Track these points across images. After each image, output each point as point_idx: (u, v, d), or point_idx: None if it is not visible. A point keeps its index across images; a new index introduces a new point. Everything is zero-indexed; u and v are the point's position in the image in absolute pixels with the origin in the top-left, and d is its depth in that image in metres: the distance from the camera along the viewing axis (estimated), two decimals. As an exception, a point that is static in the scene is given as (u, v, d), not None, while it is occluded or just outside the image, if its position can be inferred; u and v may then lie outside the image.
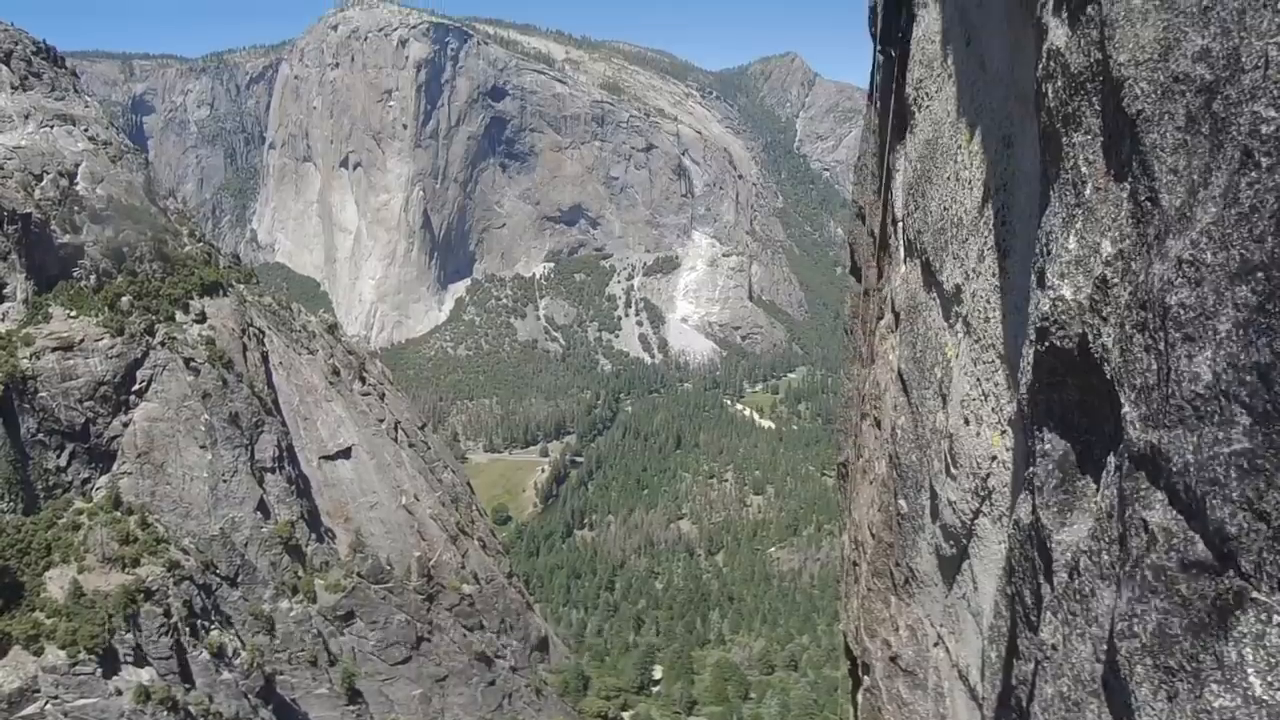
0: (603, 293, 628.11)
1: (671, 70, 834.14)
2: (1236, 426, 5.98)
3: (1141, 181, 7.53)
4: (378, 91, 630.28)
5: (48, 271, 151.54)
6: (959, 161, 16.76)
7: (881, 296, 25.06)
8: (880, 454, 22.82)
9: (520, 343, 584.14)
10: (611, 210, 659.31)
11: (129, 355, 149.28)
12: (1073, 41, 9.01)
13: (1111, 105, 8.12)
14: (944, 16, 18.71)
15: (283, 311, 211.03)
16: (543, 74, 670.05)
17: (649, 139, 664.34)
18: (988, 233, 14.87)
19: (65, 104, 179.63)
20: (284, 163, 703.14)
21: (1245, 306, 5.95)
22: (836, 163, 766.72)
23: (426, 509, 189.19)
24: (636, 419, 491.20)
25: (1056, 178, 9.42)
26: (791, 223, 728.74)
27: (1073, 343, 8.68)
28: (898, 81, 22.76)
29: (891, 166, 23.44)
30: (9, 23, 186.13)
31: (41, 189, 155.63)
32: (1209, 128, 6.65)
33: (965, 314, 15.76)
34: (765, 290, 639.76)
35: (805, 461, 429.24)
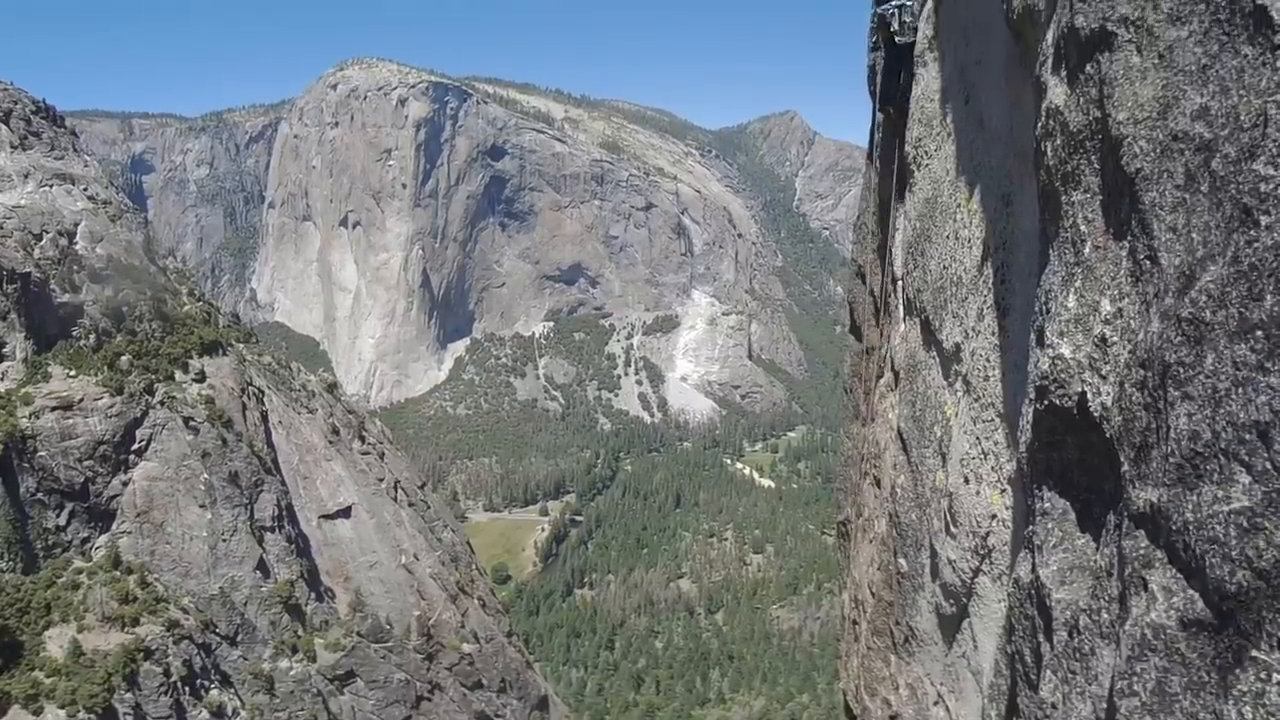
0: (602, 351, 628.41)
1: (671, 129, 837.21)
2: (1236, 485, 5.99)
3: (1140, 240, 7.56)
4: (377, 150, 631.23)
5: (47, 331, 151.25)
6: (958, 220, 16.81)
7: (881, 355, 25.11)
8: (880, 512, 22.81)
9: (520, 402, 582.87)
10: (611, 269, 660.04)
11: (128, 414, 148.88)
12: (1072, 100, 9.05)
13: (1111, 163, 8.15)
14: (943, 75, 18.76)
15: (282, 371, 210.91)
16: (542, 133, 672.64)
17: (648, 198, 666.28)
18: (987, 291, 14.88)
19: (65, 163, 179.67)
20: (283, 222, 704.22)
21: (1245, 365, 5.96)
22: (836, 221, 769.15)
23: (426, 568, 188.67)
24: (636, 478, 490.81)
25: (1056, 236, 9.45)
26: (791, 281, 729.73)
27: (1072, 401, 8.69)
28: (897, 140, 22.81)
29: (891, 225, 23.47)
30: (8, 82, 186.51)
31: (41, 248, 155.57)
32: (1208, 186, 6.67)
33: (965, 372, 15.78)
34: (765, 349, 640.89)
35: (805, 520, 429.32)
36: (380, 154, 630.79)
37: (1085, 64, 8.73)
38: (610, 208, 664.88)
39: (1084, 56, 8.77)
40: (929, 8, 20.35)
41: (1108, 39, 8.32)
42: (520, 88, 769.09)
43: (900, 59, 23.14)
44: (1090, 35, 8.61)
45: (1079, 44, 8.85)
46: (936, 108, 18.94)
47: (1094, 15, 8.54)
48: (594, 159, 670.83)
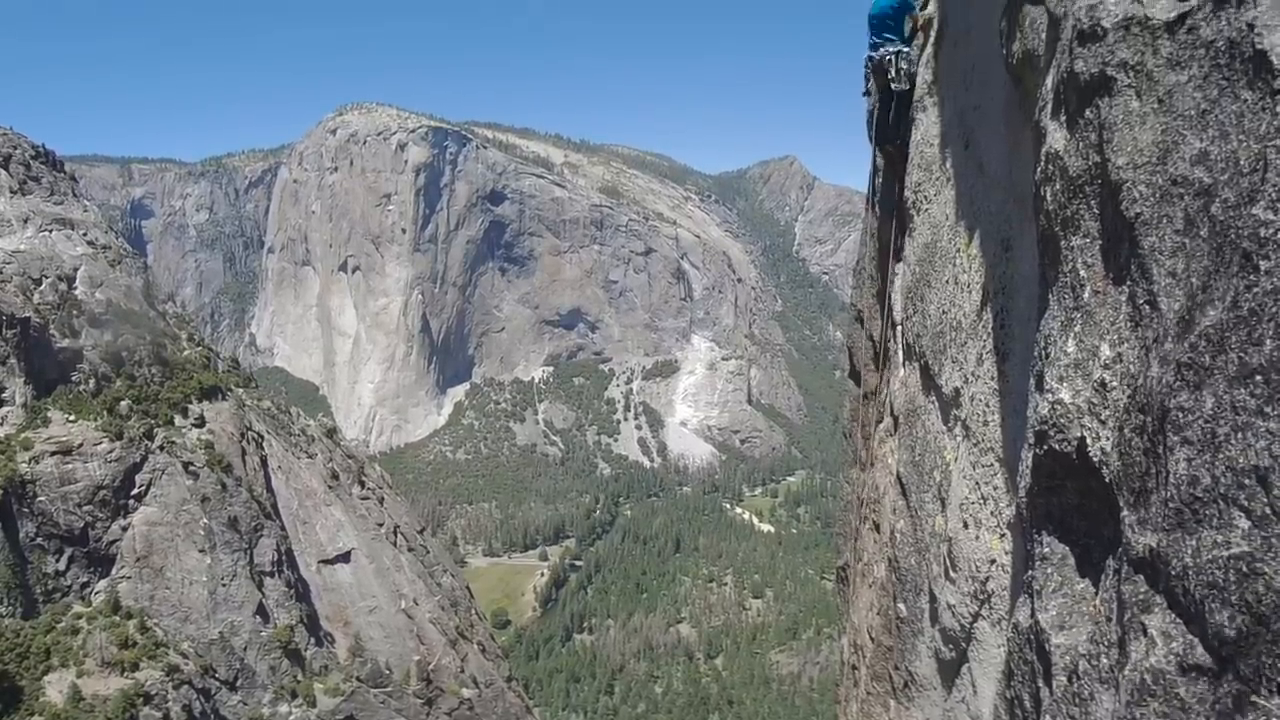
0: (602, 396, 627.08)
1: (670, 174, 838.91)
2: (1236, 530, 6.01)
3: (1140, 285, 7.59)
4: (376, 195, 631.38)
5: (46, 376, 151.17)
6: (958, 265, 16.87)
7: (880, 400, 25.14)
8: (879, 557, 22.82)
9: (519, 447, 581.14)
10: (610, 314, 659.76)
11: (128, 459, 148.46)
12: (1071, 144, 9.08)
13: (1110, 208, 8.19)
14: (942, 120, 18.83)
15: (282, 415, 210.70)
16: (541, 178, 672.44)
17: (648, 243, 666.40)
18: (986, 336, 14.92)
19: (64, 208, 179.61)
20: (283, 267, 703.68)
21: (1244, 410, 5.99)
22: (835, 266, 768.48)
23: (426, 613, 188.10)
24: (636, 523, 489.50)
25: (1055, 281, 9.48)
26: (790, 326, 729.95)
27: (1071, 446, 8.71)
28: (897, 185, 22.88)
29: (890, 270, 23.50)
30: (8, 127, 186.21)
31: (40, 293, 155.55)
32: (1208, 231, 6.71)
33: (964, 417, 15.81)
34: (764, 394, 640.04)
35: (805, 565, 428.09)
36: (380, 199, 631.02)
37: (1085, 109, 8.76)
38: (610, 252, 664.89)
39: (1083, 101, 8.80)
40: (928, 53, 20.46)
41: (1107, 84, 8.36)
42: (520, 133, 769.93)
43: (896, 102, 23.26)
44: (1090, 80, 8.65)
45: (1078, 89, 8.89)
46: (936, 152, 19.01)
47: (1094, 60, 8.58)
48: (593, 204, 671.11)
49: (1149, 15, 7.88)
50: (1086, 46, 8.75)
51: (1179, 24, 7.50)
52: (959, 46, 18.13)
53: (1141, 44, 7.95)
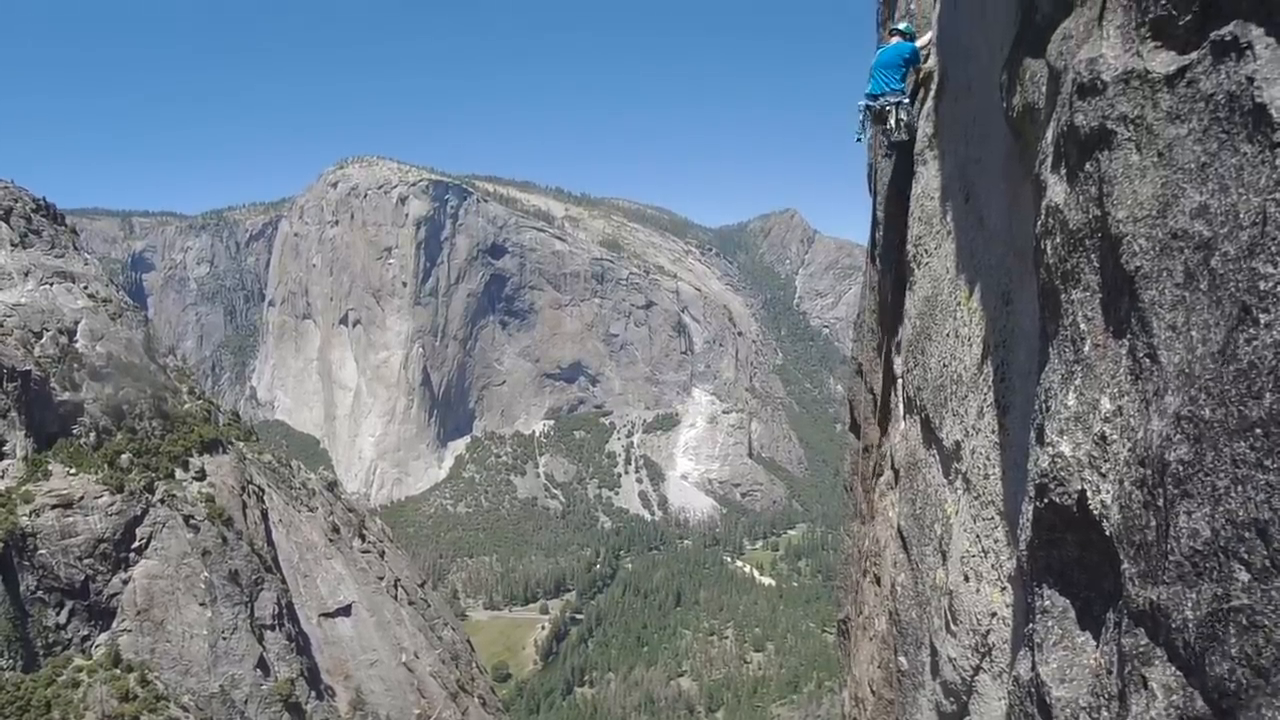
0: (603, 450, 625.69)
1: (671, 227, 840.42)
2: (1235, 583, 6.03)
3: (1140, 338, 7.60)
4: (377, 249, 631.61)
5: (47, 429, 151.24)
6: (958, 318, 16.90)
7: (881, 453, 25.15)
8: (880, 610, 22.80)
9: (520, 500, 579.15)
10: (611, 367, 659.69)
11: (129, 512, 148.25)
12: (1071, 198, 9.10)
13: (1110, 261, 8.20)
14: (943, 173, 18.88)
15: (282, 469, 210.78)
16: (542, 231, 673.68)
17: (649, 296, 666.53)
18: (987, 389, 14.95)
19: (65, 261, 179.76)
20: (284, 320, 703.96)
21: (1244, 463, 5.99)
22: (836, 319, 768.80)
23: (426, 666, 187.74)
24: (636, 576, 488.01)
25: (1055, 334, 9.49)
26: (791, 380, 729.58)
27: (1072, 499, 8.71)
28: (897, 238, 22.92)
29: (891, 323, 23.52)
30: (9, 180, 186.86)
31: (41, 346, 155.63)
32: (1208, 284, 6.72)
33: (965, 470, 15.81)
34: (765, 447, 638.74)
35: (805, 618, 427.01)
36: (380, 252, 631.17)
37: (1085, 162, 8.79)
38: (610, 306, 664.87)
39: (1084, 154, 8.82)
40: (929, 107, 20.52)
41: (1107, 137, 8.38)
42: (520, 186, 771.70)
43: (897, 153, 23.40)
44: (1090, 133, 8.68)
45: (1079, 142, 8.91)
46: (936, 206, 19.05)
47: (1094, 113, 8.61)
48: (594, 257, 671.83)
49: (1149, 69, 7.92)
50: (1087, 100, 8.78)
51: (1179, 77, 7.53)
52: (959, 101, 18.19)
53: (1141, 97, 7.98)
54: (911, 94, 23.21)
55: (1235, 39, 6.81)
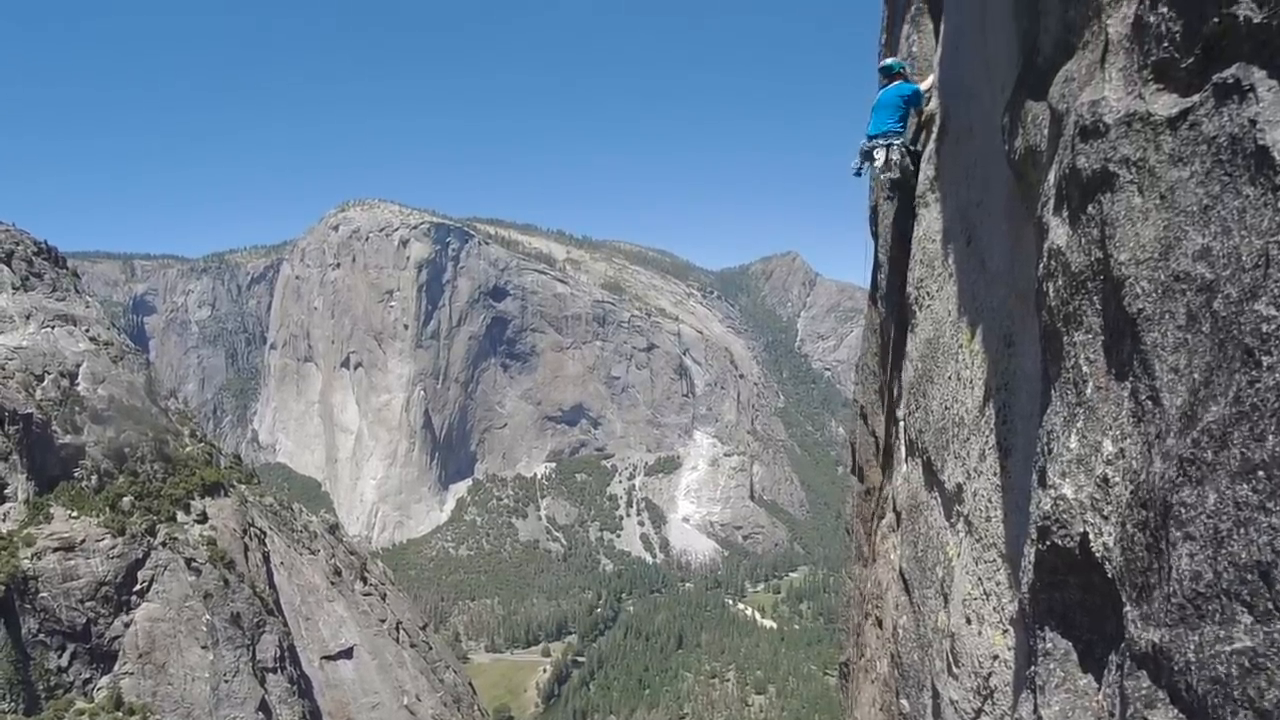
0: (604, 492, 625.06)
1: (673, 270, 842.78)
2: (1238, 625, 6.01)
3: (1142, 380, 7.61)
4: (379, 292, 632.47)
5: (49, 472, 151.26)
6: (960, 360, 16.89)
7: (883, 496, 25.15)
8: (882, 653, 22.77)
9: (522, 543, 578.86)
10: (613, 410, 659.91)
11: (130, 555, 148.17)
12: (1073, 240, 9.11)
13: (1113, 304, 8.21)
14: (944, 216, 18.92)
15: (284, 512, 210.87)
16: (544, 274, 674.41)
17: (650, 339, 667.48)
18: (989, 432, 14.90)
19: (66, 304, 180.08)
20: (285, 363, 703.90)
21: (1247, 505, 5.99)
22: (838, 362, 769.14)
23: (429, 709, 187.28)
24: (638, 619, 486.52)
25: (1058, 377, 9.50)
26: (793, 422, 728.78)
27: (1074, 542, 8.71)
28: (899, 280, 22.95)
29: (893, 366, 23.55)
30: (11, 224, 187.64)
31: (43, 389, 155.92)
32: (1210, 326, 6.72)
33: (967, 513, 15.78)
34: (767, 490, 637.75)
35: (807, 661, 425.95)
36: (382, 295, 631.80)
37: (1087, 204, 8.80)
38: (612, 348, 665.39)
39: (1086, 197, 8.84)
40: (930, 149, 20.56)
41: (1110, 180, 8.40)
42: (522, 228, 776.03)
43: (899, 194, 23.52)
44: (1092, 176, 8.69)
45: (1081, 185, 8.93)
46: (938, 248, 19.06)
47: (1096, 156, 8.63)
48: (596, 300, 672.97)
49: (1151, 111, 7.93)
50: (1089, 142, 8.80)
51: (1181, 120, 7.54)
52: (961, 143, 18.22)
53: (1144, 140, 7.99)
54: (914, 136, 23.31)
55: (1237, 81, 6.82)
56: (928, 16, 24.61)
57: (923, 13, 24.96)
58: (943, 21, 21.53)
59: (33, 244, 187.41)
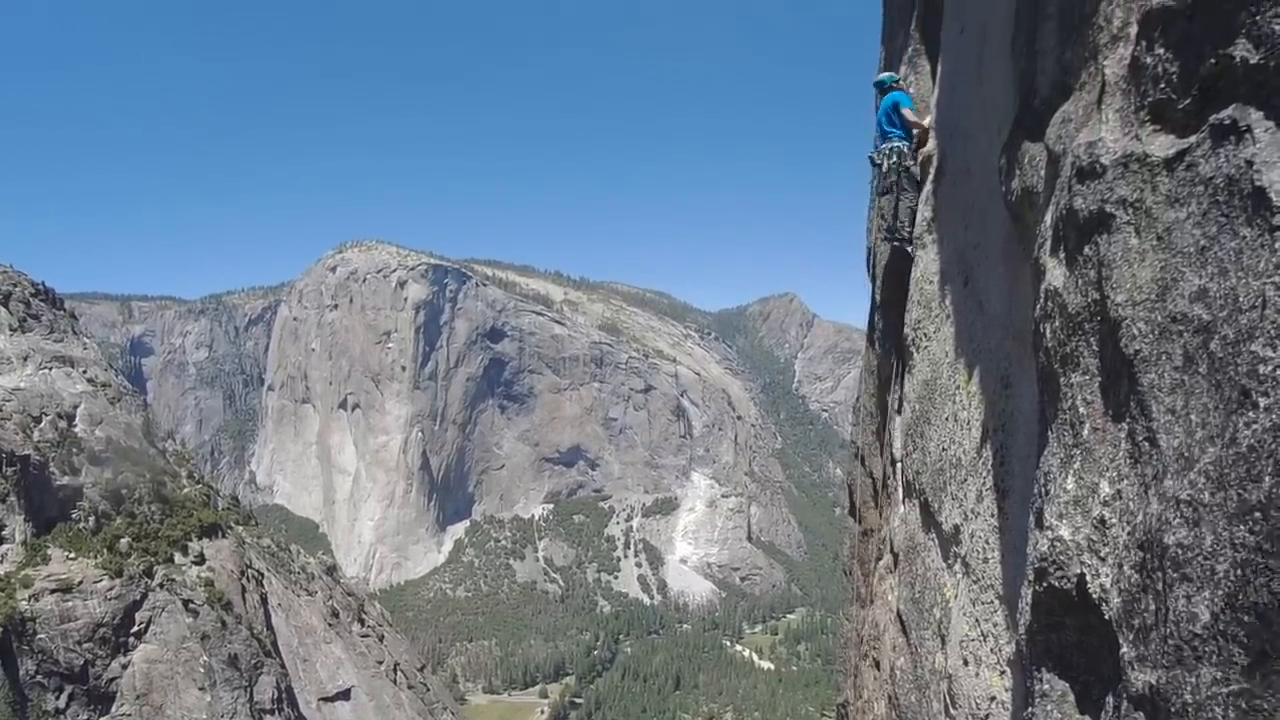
0: (602, 534, 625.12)
1: (670, 311, 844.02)
2: (1235, 667, 6.02)
3: (1139, 422, 7.61)
4: (376, 333, 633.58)
5: (46, 513, 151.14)
6: (957, 402, 16.93)
7: (880, 537, 25.20)
8: (879, 695, 22.76)
9: (519, 584, 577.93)
10: (610, 451, 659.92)
11: (128, 597, 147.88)
12: (1070, 281, 9.14)
13: (1109, 345, 8.23)
14: (941, 257, 18.97)
15: (282, 553, 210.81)
16: (541, 315, 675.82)
17: (648, 380, 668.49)
18: (986, 473, 14.90)
19: (64, 345, 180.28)
20: (283, 404, 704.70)
21: (1244, 547, 6.00)
22: (835, 403, 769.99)
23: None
24: (636, 660, 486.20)
25: (1055, 418, 9.51)
26: (790, 463, 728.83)
27: (1071, 583, 8.71)
28: (896, 322, 23.04)
29: (890, 407, 23.59)
30: (8, 265, 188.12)
31: (40, 431, 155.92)
32: (1207, 367, 6.74)
33: (964, 554, 15.79)
34: (764, 531, 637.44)
35: (805, 702, 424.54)
36: (379, 336, 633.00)
37: (1084, 245, 8.82)
38: (609, 390, 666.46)
39: (1083, 238, 8.86)
40: (928, 190, 20.63)
41: (1106, 221, 8.42)
42: (519, 270, 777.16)
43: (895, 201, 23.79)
44: (1089, 217, 8.72)
45: (1078, 226, 8.95)
46: (935, 290, 19.11)
47: (1093, 197, 8.66)
48: (593, 341, 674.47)
49: (1148, 152, 7.96)
50: (1085, 183, 8.84)
51: (1178, 161, 7.56)
52: (958, 184, 18.29)
53: (1140, 181, 8.02)
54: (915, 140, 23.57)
55: (1234, 122, 6.84)
56: (924, 58, 24.77)
57: (919, 54, 25.12)
58: (939, 63, 21.63)
59: (30, 285, 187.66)
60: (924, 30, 24.60)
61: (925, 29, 24.47)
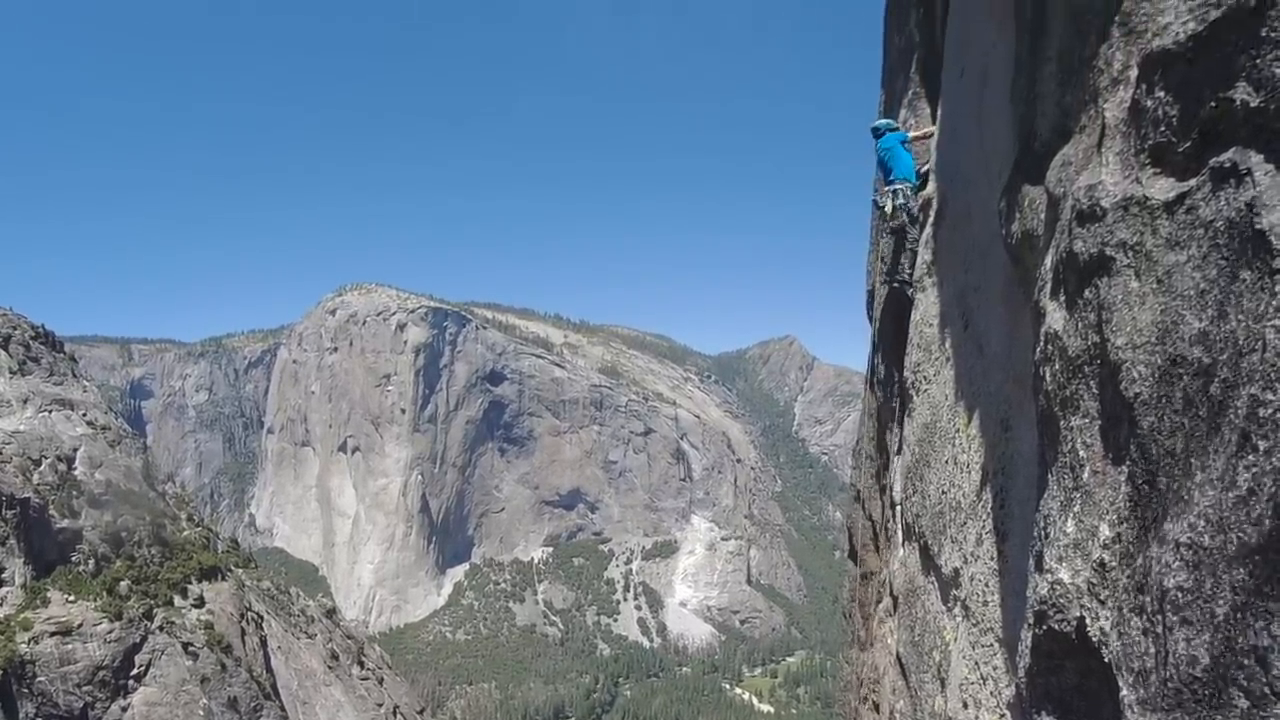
0: (601, 576, 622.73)
1: (670, 354, 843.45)
2: (1235, 710, 6.07)
3: (1139, 465, 7.63)
4: (376, 376, 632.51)
5: (46, 556, 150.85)
6: (957, 445, 16.94)
7: (880, 580, 25.21)
8: (879, 738, 22.69)
9: (519, 627, 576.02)
10: (610, 494, 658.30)
11: (127, 640, 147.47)
12: (1070, 324, 9.16)
13: (1110, 388, 8.25)
14: (941, 300, 18.99)
15: (281, 596, 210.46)
16: (541, 358, 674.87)
17: (647, 423, 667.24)
18: (986, 516, 14.93)
19: (64, 388, 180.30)
20: (282, 447, 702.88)
21: (1243, 590, 6.03)
22: (835, 446, 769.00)
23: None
24: (635, 703, 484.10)
25: (1054, 461, 9.52)
26: (790, 506, 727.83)
27: (1071, 626, 8.72)
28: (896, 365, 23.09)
29: (890, 450, 23.61)
30: (8, 308, 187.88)
31: (40, 473, 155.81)
32: (1206, 411, 6.77)
33: (963, 597, 15.80)
34: (764, 574, 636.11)
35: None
36: (379, 379, 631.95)
37: (1084, 289, 8.85)
38: (609, 433, 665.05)
39: (1083, 281, 8.89)
40: (928, 233, 20.65)
41: (1106, 264, 8.45)
42: (519, 313, 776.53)
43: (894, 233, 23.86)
44: (1089, 260, 8.75)
45: (1078, 269, 8.98)
46: (935, 333, 19.13)
47: (1093, 240, 8.68)
48: (593, 384, 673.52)
49: (1148, 195, 7.99)
50: (1086, 227, 8.87)
51: (1178, 204, 7.60)
52: (958, 227, 18.33)
53: (1141, 224, 8.05)
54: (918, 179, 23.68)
55: (1234, 165, 6.89)
56: (925, 101, 24.86)
57: (920, 97, 25.20)
58: (940, 106, 21.71)
59: (30, 328, 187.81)
60: (924, 74, 24.70)
61: (925, 72, 24.57)
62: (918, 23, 25.22)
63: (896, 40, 28.70)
